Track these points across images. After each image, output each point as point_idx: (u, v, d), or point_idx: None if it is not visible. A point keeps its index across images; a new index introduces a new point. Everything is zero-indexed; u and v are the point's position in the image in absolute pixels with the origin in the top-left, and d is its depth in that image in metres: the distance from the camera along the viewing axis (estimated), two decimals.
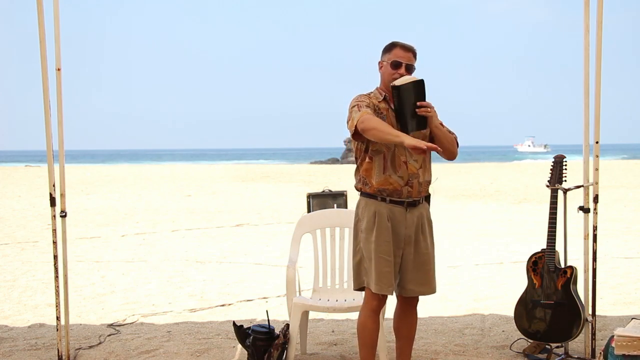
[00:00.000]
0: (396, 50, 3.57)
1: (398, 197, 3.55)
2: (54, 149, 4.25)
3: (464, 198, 17.49)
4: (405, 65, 3.55)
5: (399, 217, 3.56)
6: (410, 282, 3.62)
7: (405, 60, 3.56)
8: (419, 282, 3.63)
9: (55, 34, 4.17)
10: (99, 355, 4.52)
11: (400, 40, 3.61)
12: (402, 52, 3.56)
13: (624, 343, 3.80)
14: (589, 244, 4.27)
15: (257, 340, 4.17)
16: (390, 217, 3.55)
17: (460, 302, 6.08)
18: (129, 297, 6.51)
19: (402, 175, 3.55)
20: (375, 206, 3.57)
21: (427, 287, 3.66)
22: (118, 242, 10.44)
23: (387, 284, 3.55)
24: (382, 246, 3.53)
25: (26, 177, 27.33)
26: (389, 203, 3.56)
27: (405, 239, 3.58)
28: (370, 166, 3.58)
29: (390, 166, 3.54)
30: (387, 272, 3.54)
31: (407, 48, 3.58)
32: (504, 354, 4.44)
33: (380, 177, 3.55)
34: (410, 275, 3.61)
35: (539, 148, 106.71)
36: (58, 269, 4.35)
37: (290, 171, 32.54)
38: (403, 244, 3.58)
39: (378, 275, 3.54)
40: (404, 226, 3.57)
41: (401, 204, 3.56)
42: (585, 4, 4.15)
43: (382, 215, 3.55)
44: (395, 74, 3.54)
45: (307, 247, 4.95)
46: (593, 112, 4.22)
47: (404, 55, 3.56)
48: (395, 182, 3.54)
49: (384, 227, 3.54)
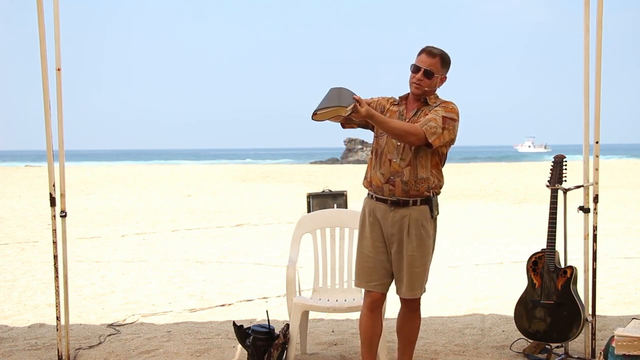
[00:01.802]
0: (422, 55, 3.59)
1: (381, 194, 3.59)
2: (54, 149, 4.25)
3: (464, 198, 17.49)
4: (424, 70, 3.56)
5: (383, 215, 3.60)
6: (397, 282, 3.64)
7: (426, 65, 3.55)
8: (402, 283, 3.61)
9: (55, 34, 4.17)
10: (99, 355, 4.52)
11: (434, 46, 3.60)
12: (427, 57, 3.57)
13: (624, 343, 3.80)
14: (589, 244, 4.27)
15: (257, 340, 4.17)
16: (372, 213, 3.62)
17: (460, 302, 6.08)
18: (129, 297, 6.51)
19: (384, 173, 3.57)
20: (366, 203, 3.69)
21: (408, 291, 3.59)
22: (118, 242, 10.44)
23: (365, 280, 3.63)
24: (364, 241, 3.64)
25: (26, 177, 27.32)
26: (375, 200, 3.63)
27: (389, 238, 3.60)
28: (370, 162, 3.68)
29: (377, 163, 3.61)
30: (367, 267, 3.61)
31: (433, 54, 3.57)
32: (504, 354, 4.44)
33: (370, 172, 3.66)
34: (397, 275, 3.63)
35: (539, 148, 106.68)
36: (58, 269, 4.35)
37: (290, 171, 32.53)
38: (388, 242, 3.61)
39: (358, 269, 3.66)
40: (389, 225, 3.59)
41: (384, 201, 3.59)
42: (585, 4, 4.15)
43: (370, 212, 3.63)
44: (414, 77, 3.58)
45: (307, 247, 4.95)
46: (593, 112, 4.22)
47: (426, 60, 3.56)
48: (378, 179, 3.59)
49: (370, 224, 3.63)
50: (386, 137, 3.58)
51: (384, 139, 3.60)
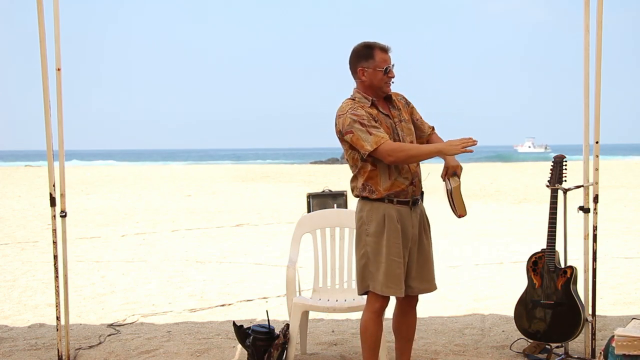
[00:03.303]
0: (378, 53, 3.53)
1: (404, 197, 3.56)
2: (54, 149, 4.25)
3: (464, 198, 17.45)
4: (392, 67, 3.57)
5: (406, 217, 3.57)
6: (414, 280, 3.62)
7: (390, 62, 3.56)
8: (422, 279, 3.64)
9: (55, 34, 4.17)
10: (99, 355, 4.52)
11: (370, 41, 3.58)
12: (385, 54, 3.55)
13: (624, 343, 3.80)
14: (589, 244, 4.27)
15: (257, 340, 4.17)
16: (399, 219, 3.54)
17: (460, 302, 6.08)
18: (129, 297, 6.51)
19: (407, 176, 3.56)
20: (383, 209, 3.53)
21: (430, 285, 3.68)
22: (118, 242, 10.44)
23: (398, 286, 3.55)
24: (393, 248, 3.51)
25: (26, 177, 27.32)
26: (396, 204, 3.55)
27: (412, 239, 3.59)
28: (375, 173, 3.53)
29: (395, 170, 3.53)
30: (398, 274, 3.53)
31: (386, 49, 3.56)
32: (504, 354, 4.44)
33: (387, 182, 3.53)
34: (415, 273, 3.62)
35: (540, 149, 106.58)
36: (58, 269, 4.35)
37: (290, 171, 32.52)
38: (410, 244, 3.59)
39: (390, 277, 3.51)
40: (411, 225, 3.58)
41: (406, 203, 3.57)
42: (585, 4, 4.15)
43: (392, 218, 3.53)
44: (386, 78, 3.54)
45: (307, 247, 4.95)
46: (593, 112, 4.22)
47: (387, 58, 3.56)
48: (402, 183, 3.55)
49: (394, 229, 3.52)
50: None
51: None
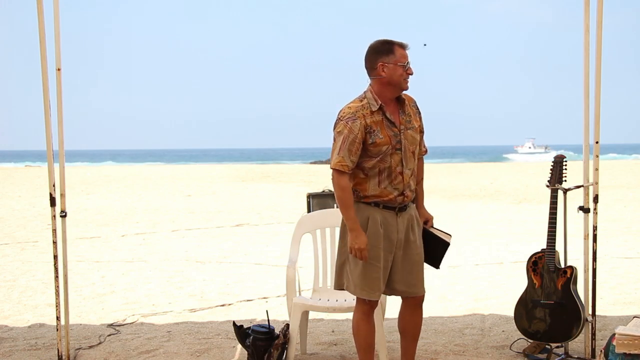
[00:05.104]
0: (398, 49, 3.52)
1: (392, 204, 3.55)
2: (54, 149, 4.25)
3: (464, 198, 17.48)
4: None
5: (391, 222, 3.55)
6: (398, 283, 3.61)
7: (408, 58, 3.55)
8: (408, 284, 3.62)
9: (55, 34, 4.17)
10: (99, 355, 4.52)
11: (389, 38, 3.57)
12: (403, 50, 3.54)
13: (625, 342, 3.80)
14: (589, 244, 4.27)
15: (257, 340, 4.17)
16: (382, 223, 3.53)
17: (460, 302, 6.08)
18: (129, 297, 6.51)
19: (398, 187, 3.53)
20: (368, 211, 3.54)
21: (416, 289, 3.64)
22: (118, 242, 10.44)
23: (375, 290, 3.55)
24: (372, 252, 3.50)
25: (26, 177, 27.32)
26: (382, 208, 3.54)
27: (397, 243, 3.57)
28: (365, 180, 3.53)
29: (386, 178, 3.52)
30: (375, 278, 3.52)
31: (404, 46, 3.55)
32: (504, 354, 4.44)
33: (375, 189, 3.53)
34: (399, 276, 3.60)
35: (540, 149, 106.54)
36: (58, 269, 4.35)
37: (290, 171, 32.50)
38: (395, 249, 3.57)
39: (365, 281, 3.52)
40: (396, 231, 3.56)
41: (393, 209, 3.55)
42: (585, 4, 4.15)
43: (375, 221, 3.52)
44: (405, 74, 3.52)
45: (307, 247, 4.95)
46: (593, 112, 4.22)
47: (406, 54, 3.54)
48: (391, 193, 3.53)
49: (376, 233, 3.51)
50: (393, 154, 3.49)
51: (388, 159, 3.49)
